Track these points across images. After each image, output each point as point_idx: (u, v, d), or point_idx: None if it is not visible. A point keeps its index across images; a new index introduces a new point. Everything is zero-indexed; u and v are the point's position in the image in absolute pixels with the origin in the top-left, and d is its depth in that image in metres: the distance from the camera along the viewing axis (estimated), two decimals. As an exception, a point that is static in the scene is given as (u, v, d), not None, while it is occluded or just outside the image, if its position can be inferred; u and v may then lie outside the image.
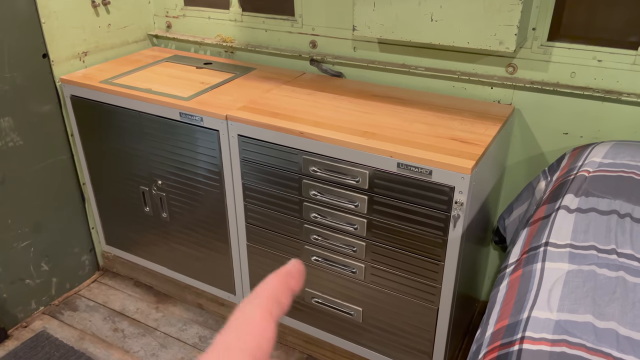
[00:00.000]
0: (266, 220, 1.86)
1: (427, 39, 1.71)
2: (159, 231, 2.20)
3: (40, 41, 2.01)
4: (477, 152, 1.49)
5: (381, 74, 2.04)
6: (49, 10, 2.01)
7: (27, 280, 2.18)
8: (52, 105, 2.11)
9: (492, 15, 1.58)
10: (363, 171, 1.59)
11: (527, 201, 1.71)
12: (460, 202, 1.46)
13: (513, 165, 1.92)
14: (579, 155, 1.53)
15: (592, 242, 1.11)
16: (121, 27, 2.34)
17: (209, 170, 1.90)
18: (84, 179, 2.29)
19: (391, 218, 1.60)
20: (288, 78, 2.10)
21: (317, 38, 2.12)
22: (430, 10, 1.66)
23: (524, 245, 1.20)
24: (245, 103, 1.85)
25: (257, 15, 2.22)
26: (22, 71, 1.97)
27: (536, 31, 1.71)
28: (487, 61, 1.83)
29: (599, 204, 1.23)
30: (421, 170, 1.48)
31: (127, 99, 1.95)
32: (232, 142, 1.79)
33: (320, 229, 1.75)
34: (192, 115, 1.83)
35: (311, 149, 1.64)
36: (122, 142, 2.07)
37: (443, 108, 1.80)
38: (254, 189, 1.83)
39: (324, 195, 1.69)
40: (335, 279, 1.81)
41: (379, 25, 1.77)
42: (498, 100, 1.86)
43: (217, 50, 2.39)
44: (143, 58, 2.33)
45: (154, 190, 2.09)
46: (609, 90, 1.66)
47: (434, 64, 1.92)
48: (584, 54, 1.67)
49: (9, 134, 1.98)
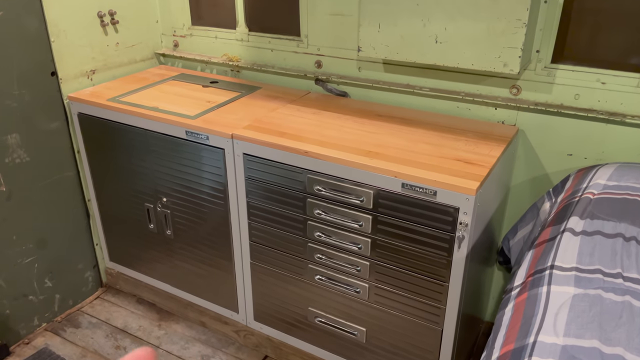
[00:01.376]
0: (270, 239, 1.87)
1: (431, 60, 1.73)
2: (162, 248, 2.20)
3: (49, 59, 2.04)
4: (482, 173, 1.50)
5: (386, 94, 2.05)
6: (58, 29, 2.04)
7: (31, 297, 2.18)
8: (60, 123, 2.13)
9: (496, 38, 1.59)
10: (367, 191, 1.59)
11: (531, 222, 1.71)
12: (465, 223, 1.46)
13: (517, 185, 1.92)
14: (583, 177, 1.53)
15: (597, 265, 1.11)
16: (129, 46, 2.37)
17: (214, 188, 1.91)
18: (89, 196, 2.30)
19: (395, 238, 1.60)
20: (293, 97, 2.12)
21: (322, 58, 2.14)
22: (435, 32, 1.68)
23: (529, 267, 1.20)
24: (250, 122, 1.86)
25: (263, 35, 2.25)
26: (30, 89, 1.99)
27: (540, 53, 1.72)
28: (491, 82, 1.84)
29: (604, 227, 1.23)
30: (426, 191, 1.49)
31: (134, 117, 1.97)
32: (238, 161, 1.81)
33: (324, 248, 1.75)
34: (198, 134, 1.85)
35: (316, 168, 1.65)
36: (128, 159, 2.08)
37: (447, 128, 1.81)
38: (258, 207, 1.84)
39: (329, 214, 1.69)
40: (339, 299, 1.80)
41: (384, 47, 1.79)
42: (502, 121, 1.87)
43: (223, 69, 2.42)
44: (150, 76, 2.36)
45: (158, 207, 2.10)
46: (613, 112, 1.67)
47: (438, 85, 1.94)
48: (587, 76, 1.68)
49: (16, 151, 1.99)
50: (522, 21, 1.54)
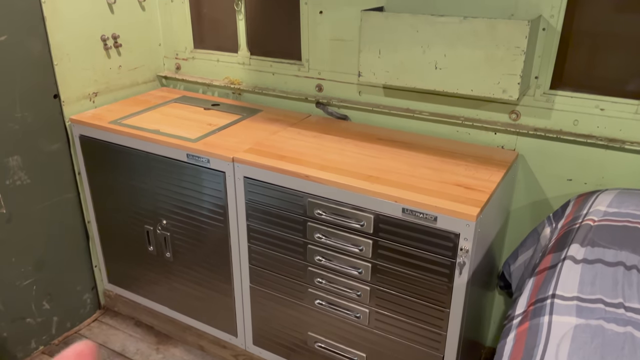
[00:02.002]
0: (270, 262, 1.86)
1: (431, 86, 1.74)
2: (161, 270, 2.19)
3: (52, 82, 2.06)
4: (482, 198, 1.50)
5: (386, 118, 2.07)
6: (62, 52, 2.06)
7: (28, 319, 2.17)
8: (61, 144, 2.14)
9: (495, 65, 1.61)
10: (368, 215, 1.59)
11: (532, 247, 1.71)
12: (466, 249, 1.46)
13: (517, 210, 1.92)
14: (583, 203, 1.54)
15: (599, 295, 1.11)
16: (132, 69, 2.39)
17: (214, 211, 1.91)
18: (89, 217, 2.30)
19: (396, 263, 1.60)
20: (294, 120, 2.13)
21: (323, 82, 2.16)
22: (435, 59, 1.70)
23: (531, 296, 1.19)
24: (251, 145, 1.87)
25: (264, 59, 2.27)
26: (32, 111, 2.00)
27: (539, 79, 1.74)
28: (490, 107, 1.85)
29: (605, 255, 1.23)
30: (426, 216, 1.49)
31: (135, 140, 1.98)
32: (238, 184, 1.81)
33: (324, 272, 1.75)
34: (199, 157, 1.85)
35: (316, 192, 1.65)
36: (129, 181, 2.09)
37: (447, 153, 1.82)
38: (258, 231, 1.83)
39: (329, 238, 1.69)
40: (339, 324, 1.79)
41: (384, 72, 1.80)
42: (502, 145, 1.88)
43: (224, 91, 2.43)
44: (152, 99, 2.38)
45: (158, 229, 2.10)
46: (612, 138, 1.68)
47: (438, 109, 1.95)
48: (586, 102, 1.69)
49: (17, 173, 2.00)
50: (520, 49, 1.56)
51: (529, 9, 1.68)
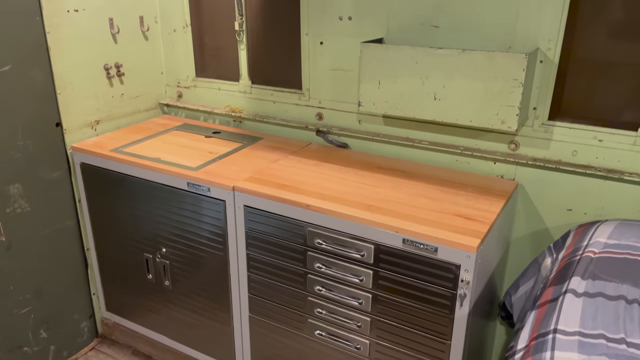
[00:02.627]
0: (270, 292, 1.85)
1: (430, 117, 1.76)
2: (160, 299, 2.17)
3: (54, 111, 2.07)
4: (482, 229, 1.50)
5: (386, 146, 2.08)
6: (65, 81, 2.09)
7: (25, 348, 2.14)
8: (62, 172, 2.15)
9: (493, 96, 1.63)
10: (368, 245, 1.59)
11: (533, 277, 1.70)
12: (467, 281, 1.45)
13: (518, 239, 1.92)
14: (583, 234, 1.54)
15: (600, 330, 1.10)
16: (134, 97, 2.41)
17: (214, 240, 1.90)
18: (88, 245, 2.29)
19: (396, 294, 1.59)
20: (295, 148, 2.14)
21: (323, 110, 2.18)
22: (434, 90, 1.72)
23: (532, 330, 1.18)
24: (252, 174, 1.88)
25: (265, 87, 2.30)
26: (34, 139, 2.02)
27: (537, 110, 1.76)
28: (489, 137, 1.87)
29: (606, 289, 1.23)
30: (427, 247, 1.49)
31: (136, 168, 1.99)
32: (238, 213, 1.81)
33: (324, 302, 1.74)
34: (199, 186, 1.86)
35: (317, 221, 1.66)
36: (129, 209, 2.09)
37: (447, 182, 1.82)
38: (258, 260, 1.83)
39: (329, 268, 1.68)
40: (339, 355, 1.77)
41: (384, 102, 1.82)
42: (501, 175, 1.88)
43: (225, 119, 2.45)
44: (153, 126, 2.39)
45: (157, 257, 2.09)
46: (610, 169, 1.69)
47: (437, 139, 1.97)
48: (584, 133, 1.71)
49: (18, 201, 2.00)
50: (518, 81, 1.58)
51: (526, 42, 1.70)
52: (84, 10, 2.10)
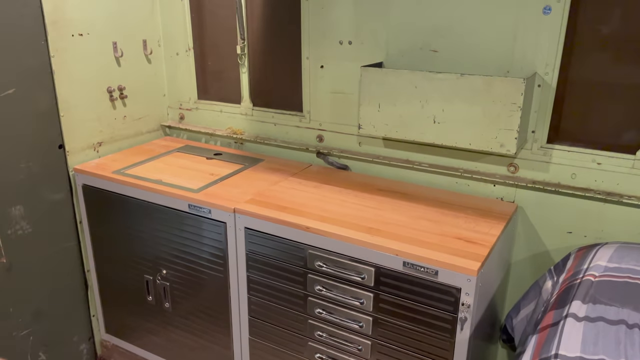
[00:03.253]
0: (270, 315, 1.84)
1: (430, 139, 1.78)
2: (160, 321, 2.16)
3: (57, 133, 2.09)
4: (483, 252, 1.50)
5: (386, 168, 2.09)
6: (68, 104, 2.11)
7: (23, 371, 2.13)
8: (64, 194, 2.16)
9: (492, 120, 1.65)
10: (369, 268, 1.59)
11: (534, 300, 1.70)
12: (467, 304, 1.45)
13: (518, 262, 1.92)
14: (584, 257, 1.54)
15: (601, 355, 1.10)
16: (136, 119, 2.44)
17: (214, 262, 1.91)
18: (88, 266, 2.29)
19: (397, 317, 1.58)
20: (295, 170, 2.16)
21: (323, 133, 2.20)
22: (433, 113, 1.74)
23: (534, 354, 1.18)
24: (253, 195, 1.89)
25: (267, 110, 2.32)
26: (37, 161, 2.03)
27: (535, 134, 1.77)
28: (489, 160, 1.88)
29: (606, 313, 1.23)
30: (427, 270, 1.49)
31: (138, 190, 2.00)
32: (239, 235, 1.81)
33: (325, 325, 1.73)
34: (200, 207, 1.87)
35: (317, 243, 1.66)
36: (130, 230, 2.09)
37: (447, 204, 1.83)
38: (258, 282, 1.83)
39: (330, 290, 1.68)
40: (340, 379, 1.76)
41: (384, 125, 1.84)
42: (501, 197, 1.89)
43: (227, 141, 2.47)
44: (155, 148, 2.41)
45: (158, 279, 2.09)
46: (609, 192, 1.69)
47: (437, 161, 1.98)
48: (583, 156, 1.72)
49: (19, 222, 2.01)
50: (517, 105, 1.60)
51: (524, 66, 1.73)
52: (89, 35, 2.14)
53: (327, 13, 2.03)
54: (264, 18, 2.23)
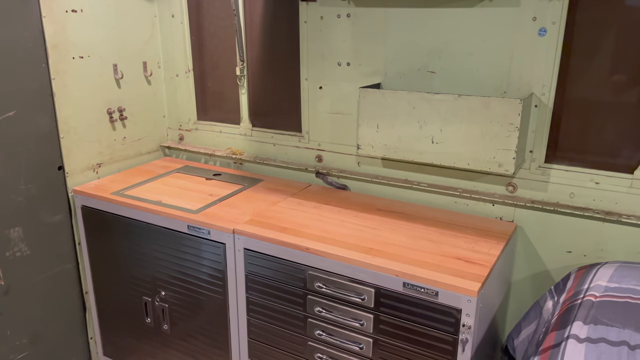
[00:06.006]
0: (269, 336, 1.83)
1: (428, 160, 1.78)
2: (158, 343, 2.14)
3: (57, 155, 2.10)
4: (483, 273, 1.50)
5: (385, 188, 2.10)
6: (68, 126, 2.12)
7: (19, 395, 2.10)
8: (63, 215, 2.15)
9: (490, 140, 1.66)
10: (369, 289, 1.58)
11: (535, 321, 1.69)
12: (468, 326, 1.44)
13: (518, 281, 1.91)
14: (584, 277, 1.53)
15: (605, 377, 1.09)
16: (136, 140, 2.45)
17: (214, 284, 1.90)
18: (86, 288, 2.28)
19: (397, 339, 1.57)
20: (294, 190, 2.16)
21: (322, 153, 2.21)
22: (431, 134, 1.75)
23: (535, 377, 1.17)
24: (252, 216, 1.89)
25: (266, 130, 2.33)
26: (36, 183, 2.03)
27: (533, 153, 1.78)
28: (487, 179, 1.89)
29: (608, 334, 1.22)
30: (427, 291, 1.48)
31: (137, 211, 2.00)
32: (238, 256, 1.81)
33: (324, 347, 1.71)
34: (199, 229, 1.87)
35: (317, 264, 1.65)
36: (129, 252, 2.09)
37: (447, 224, 1.83)
38: (258, 304, 1.81)
39: (329, 312, 1.67)
40: (340, 402, 1.73)
41: (382, 145, 1.85)
42: (500, 217, 1.89)
43: (226, 161, 2.48)
44: (155, 168, 2.42)
45: (156, 301, 2.07)
46: (608, 211, 1.70)
47: (436, 181, 1.99)
48: (581, 176, 1.72)
49: (18, 244, 2.00)
50: (514, 125, 1.61)
51: (521, 87, 1.75)
52: (89, 57, 2.16)
53: (325, 35, 2.06)
54: (263, 40, 2.26)
